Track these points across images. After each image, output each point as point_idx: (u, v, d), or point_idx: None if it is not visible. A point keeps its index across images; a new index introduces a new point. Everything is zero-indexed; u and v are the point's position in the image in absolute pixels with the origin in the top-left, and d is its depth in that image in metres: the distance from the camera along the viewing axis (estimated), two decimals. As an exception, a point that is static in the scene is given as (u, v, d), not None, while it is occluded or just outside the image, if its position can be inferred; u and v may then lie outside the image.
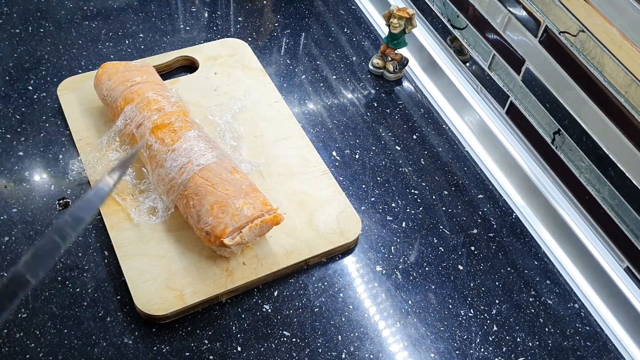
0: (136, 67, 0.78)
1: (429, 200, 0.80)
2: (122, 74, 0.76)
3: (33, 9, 0.94)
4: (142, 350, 0.62)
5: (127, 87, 0.74)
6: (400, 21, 0.87)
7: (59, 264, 0.67)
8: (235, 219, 0.64)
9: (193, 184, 0.66)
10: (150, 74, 0.78)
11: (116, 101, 0.74)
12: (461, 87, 0.91)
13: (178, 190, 0.67)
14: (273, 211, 0.66)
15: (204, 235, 0.65)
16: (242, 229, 0.64)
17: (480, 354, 0.66)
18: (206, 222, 0.64)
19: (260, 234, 0.67)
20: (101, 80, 0.77)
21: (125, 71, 0.77)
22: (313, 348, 0.64)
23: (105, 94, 0.76)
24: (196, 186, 0.66)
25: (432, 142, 0.87)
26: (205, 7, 1.00)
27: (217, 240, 0.64)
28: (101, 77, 0.77)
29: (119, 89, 0.75)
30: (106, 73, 0.77)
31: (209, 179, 0.66)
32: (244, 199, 0.65)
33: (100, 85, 0.77)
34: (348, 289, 0.70)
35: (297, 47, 0.97)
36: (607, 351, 0.69)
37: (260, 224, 0.65)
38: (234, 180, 0.67)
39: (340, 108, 0.89)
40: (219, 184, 0.66)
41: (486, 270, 0.74)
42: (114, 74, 0.76)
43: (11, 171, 0.74)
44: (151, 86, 0.75)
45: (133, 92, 0.74)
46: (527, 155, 0.84)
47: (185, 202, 0.66)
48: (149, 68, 0.80)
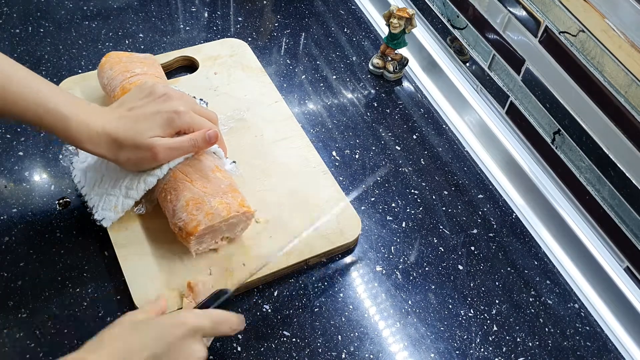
0: (139, 59, 0.78)
1: (429, 200, 0.80)
2: (123, 65, 0.76)
3: (33, 9, 0.94)
4: (142, 350, 0.62)
5: (127, 78, 0.74)
6: (400, 21, 0.87)
7: (59, 264, 0.67)
8: (209, 218, 0.63)
9: (173, 178, 0.66)
10: (152, 66, 0.78)
11: (114, 90, 0.75)
12: (461, 87, 0.91)
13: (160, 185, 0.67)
14: (250, 213, 0.66)
15: (177, 230, 0.65)
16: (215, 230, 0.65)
17: (480, 354, 0.66)
18: (180, 217, 0.64)
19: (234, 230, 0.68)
20: (104, 69, 0.77)
21: (128, 62, 0.77)
22: (313, 348, 0.64)
23: (106, 83, 0.76)
24: (175, 180, 0.66)
25: (432, 142, 0.87)
26: (205, 7, 1.00)
27: (188, 237, 0.64)
28: (104, 65, 0.77)
29: (118, 79, 0.75)
30: (109, 62, 0.77)
31: (189, 175, 0.66)
32: (220, 198, 0.65)
33: (102, 74, 0.77)
34: (348, 289, 0.70)
35: (297, 47, 0.97)
36: (607, 351, 0.69)
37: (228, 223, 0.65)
38: (214, 178, 0.67)
39: (340, 108, 0.89)
40: (198, 180, 0.66)
41: (486, 270, 0.74)
42: (116, 64, 0.76)
43: (11, 171, 0.74)
44: (150, 79, 0.75)
45: (132, 83, 0.74)
46: (527, 155, 0.83)
47: (164, 195, 0.67)
48: (153, 61, 0.80)
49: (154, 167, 0.66)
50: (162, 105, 0.65)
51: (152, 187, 0.66)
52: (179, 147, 0.65)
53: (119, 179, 0.67)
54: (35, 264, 0.66)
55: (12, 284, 0.65)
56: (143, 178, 0.66)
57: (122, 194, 0.66)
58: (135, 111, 0.64)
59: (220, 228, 0.65)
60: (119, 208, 0.66)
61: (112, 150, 0.63)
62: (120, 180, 0.67)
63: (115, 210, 0.66)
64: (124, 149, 0.63)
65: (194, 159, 0.68)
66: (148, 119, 0.63)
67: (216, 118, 0.70)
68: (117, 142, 0.62)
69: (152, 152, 0.63)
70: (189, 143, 0.65)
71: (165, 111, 0.64)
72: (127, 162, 0.64)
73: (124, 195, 0.66)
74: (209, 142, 0.66)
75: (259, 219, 0.71)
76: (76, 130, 0.60)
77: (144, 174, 0.66)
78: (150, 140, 0.63)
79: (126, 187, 0.66)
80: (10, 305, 0.63)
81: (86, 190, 0.69)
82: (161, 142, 0.64)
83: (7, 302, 0.63)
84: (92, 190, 0.68)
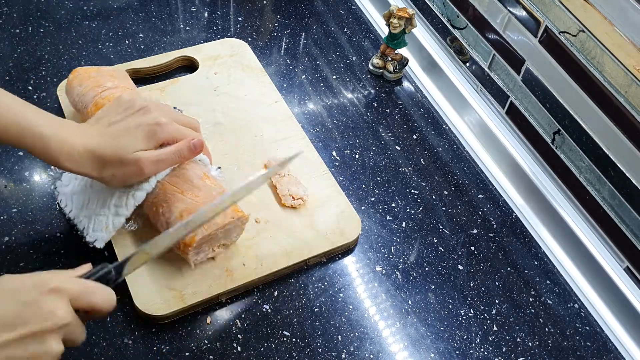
0: (108, 72, 0.76)
1: (429, 200, 0.80)
2: (93, 79, 0.74)
3: (33, 9, 0.94)
4: (142, 350, 0.62)
5: (98, 93, 0.73)
6: (400, 21, 0.87)
7: (59, 264, 0.67)
8: (205, 226, 0.62)
9: (162, 190, 0.65)
10: (123, 79, 0.77)
11: (87, 107, 0.73)
12: (461, 87, 0.91)
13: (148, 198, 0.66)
14: (245, 218, 0.66)
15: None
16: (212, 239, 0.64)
17: (480, 354, 0.66)
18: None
19: (230, 236, 0.67)
20: (72, 86, 0.75)
21: (97, 76, 0.75)
22: (313, 348, 0.64)
23: (77, 99, 0.74)
24: (165, 193, 0.65)
25: (432, 142, 0.87)
26: (205, 7, 1.00)
27: (186, 248, 0.63)
28: (72, 82, 0.75)
29: (90, 95, 0.73)
30: (77, 78, 0.75)
31: (178, 185, 0.65)
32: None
33: (72, 90, 0.75)
34: (348, 289, 0.70)
35: (297, 47, 0.97)
36: (607, 351, 0.69)
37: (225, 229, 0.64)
38: (204, 186, 0.66)
39: (340, 108, 0.89)
40: (188, 190, 0.65)
41: (486, 270, 0.74)
42: (85, 79, 0.75)
43: (11, 171, 0.74)
44: (122, 92, 0.73)
45: (104, 97, 0.72)
46: (527, 155, 0.84)
47: (155, 209, 0.65)
48: (122, 73, 0.78)
49: (140, 181, 0.64)
50: (142, 118, 0.63)
51: (141, 202, 0.65)
52: (164, 160, 0.63)
53: (106, 198, 0.65)
54: (35, 264, 0.66)
55: (12, 284, 0.64)
56: (131, 194, 0.64)
57: (111, 213, 0.65)
58: (116, 126, 0.63)
59: (216, 236, 0.64)
60: (110, 227, 0.65)
61: (95, 168, 0.61)
62: (107, 199, 0.65)
63: (107, 230, 0.65)
64: (108, 165, 0.61)
65: (181, 169, 0.67)
66: (130, 133, 0.62)
67: (198, 125, 0.69)
68: (100, 160, 0.61)
69: (137, 166, 0.62)
70: (174, 154, 0.64)
71: (146, 124, 0.63)
72: (112, 178, 0.62)
73: (114, 214, 0.65)
74: (195, 152, 0.65)
75: (259, 219, 0.71)
76: (56, 149, 0.58)
77: (131, 190, 0.64)
78: (135, 155, 0.61)
79: (115, 205, 0.65)
80: (10, 305, 0.63)
81: (74, 214, 0.67)
82: (146, 156, 0.62)
83: (7, 302, 0.63)
84: (80, 212, 0.66)
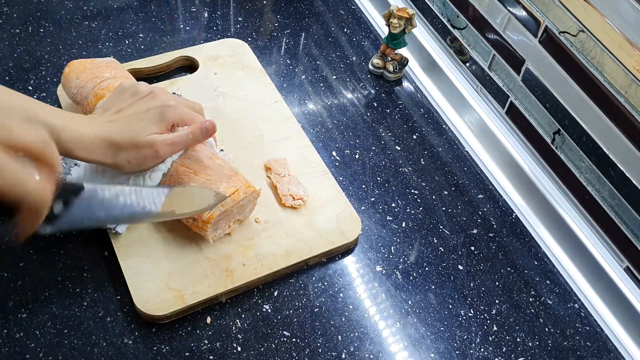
0: (103, 64, 0.77)
1: (429, 200, 0.80)
2: (90, 71, 0.75)
3: (33, 9, 0.94)
4: (142, 350, 0.62)
5: (97, 84, 0.73)
6: (400, 21, 0.87)
7: (59, 264, 0.67)
8: (222, 204, 0.64)
9: (175, 172, 0.66)
10: (118, 69, 0.77)
11: (87, 98, 0.73)
12: (461, 87, 0.91)
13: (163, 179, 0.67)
14: (257, 193, 0.68)
15: (191, 222, 0.66)
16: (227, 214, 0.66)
17: (480, 354, 0.66)
18: None
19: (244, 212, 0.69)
20: (69, 79, 0.75)
21: (93, 68, 0.75)
22: (313, 348, 0.64)
23: (75, 92, 0.75)
24: (178, 175, 0.66)
25: (432, 142, 0.87)
26: (205, 7, 1.00)
27: (204, 225, 0.64)
28: (69, 75, 0.75)
29: (88, 86, 0.73)
30: (74, 71, 0.75)
31: (190, 167, 0.66)
32: (227, 183, 0.65)
33: (69, 84, 0.75)
34: (348, 289, 0.70)
35: (297, 47, 0.97)
36: (607, 351, 0.69)
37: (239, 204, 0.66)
38: (215, 165, 0.67)
39: (340, 108, 0.89)
40: (201, 170, 0.66)
41: (486, 270, 0.74)
42: (81, 72, 0.75)
43: (11, 171, 0.74)
44: (120, 81, 0.74)
45: (103, 87, 0.73)
46: (527, 155, 0.84)
47: None
48: (116, 64, 0.79)
49: (154, 164, 0.66)
50: (150, 102, 0.64)
51: (157, 184, 0.66)
52: (178, 142, 0.65)
53: (122, 184, 0.66)
54: (35, 264, 0.66)
55: (12, 284, 0.65)
56: (148, 175, 0.66)
57: None
58: (125, 112, 0.64)
59: (232, 212, 0.66)
60: None
61: (109, 154, 0.62)
62: (124, 184, 0.66)
63: None
64: (123, 151, 0.62)
65: (190, 150, 0.68)
66: (141, 117, 0.63)
67: (201, 107, 0.70)
68: (114, 146, 0.61)
69: (152, 149, 0.63)
70: (188, 137, 0.65)
71: (155, 107, 0.64)
72: (127, 164, 0.63)
73: None
74: (207, 134, 0.67)
75: (259, 219, 0.71)
76: (67, 139, 0.58)
77: (147, 172, 0.66)
78: (150, 138, 0.63)
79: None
80: (10, 305, 0.63)
81: None
82: (161, 139, 0.63)
83: (7, 302, 0.63)
84: None
